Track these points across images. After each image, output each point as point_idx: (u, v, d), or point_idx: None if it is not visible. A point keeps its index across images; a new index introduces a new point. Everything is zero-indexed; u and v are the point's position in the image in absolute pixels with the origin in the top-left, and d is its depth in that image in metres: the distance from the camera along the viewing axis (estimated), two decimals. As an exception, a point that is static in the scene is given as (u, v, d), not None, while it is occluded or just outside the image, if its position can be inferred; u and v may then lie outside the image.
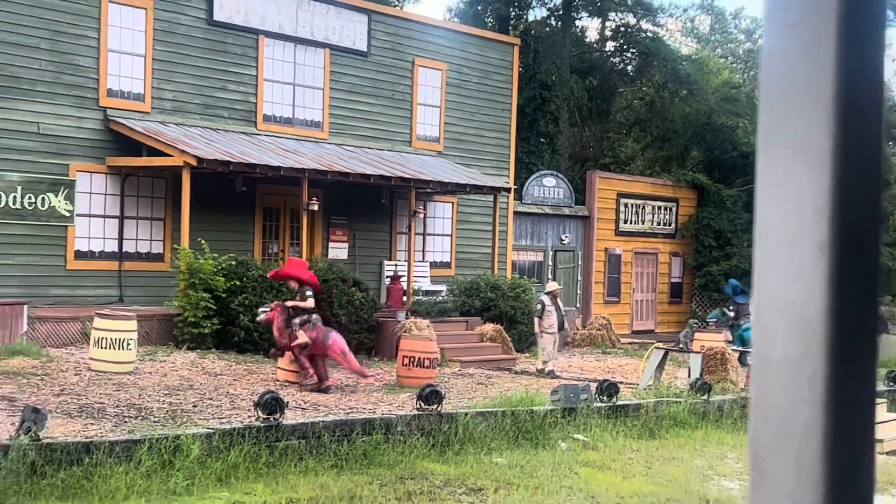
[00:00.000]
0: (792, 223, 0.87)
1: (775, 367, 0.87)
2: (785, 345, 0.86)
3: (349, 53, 28.45)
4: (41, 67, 22.82)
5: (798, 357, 0.85)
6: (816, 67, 0.86)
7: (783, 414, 0.86)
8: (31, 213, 22.55)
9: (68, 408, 14.51)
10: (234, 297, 21.35)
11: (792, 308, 0.86)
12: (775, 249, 0.89)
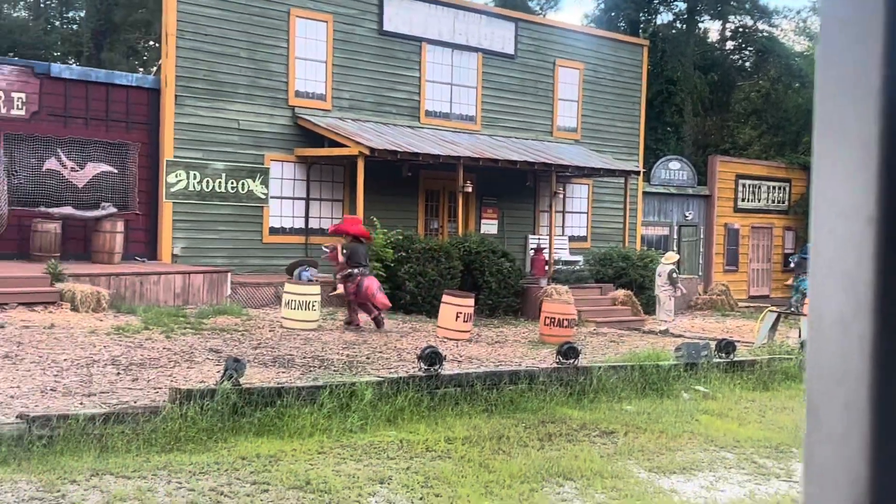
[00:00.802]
0: (844, 199, 0.83)
1: (828, 325, 0.84)
2: (837, 306, 0.83)
3: (498, 56, 28.37)
4: (242, 73, 23.36)
5: (849, 317, 0.82)
6: (865, 61, 0.82)
7: (835, 367, 0.83)
8: (234, 195, 23.17)
9: (263, 358, 14.87)
10: (401, 266, 21.58)
11: (843, 274, 0.83)
12: (829, 221, 0.85)
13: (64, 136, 21.38)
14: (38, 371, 12.79)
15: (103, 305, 17.60)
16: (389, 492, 9.45)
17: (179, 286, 19.77)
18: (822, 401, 0.84)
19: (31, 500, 8.19)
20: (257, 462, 9.85)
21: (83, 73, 22.74)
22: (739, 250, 34.94)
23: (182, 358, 14.47)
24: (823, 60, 0.87)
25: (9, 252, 20.43)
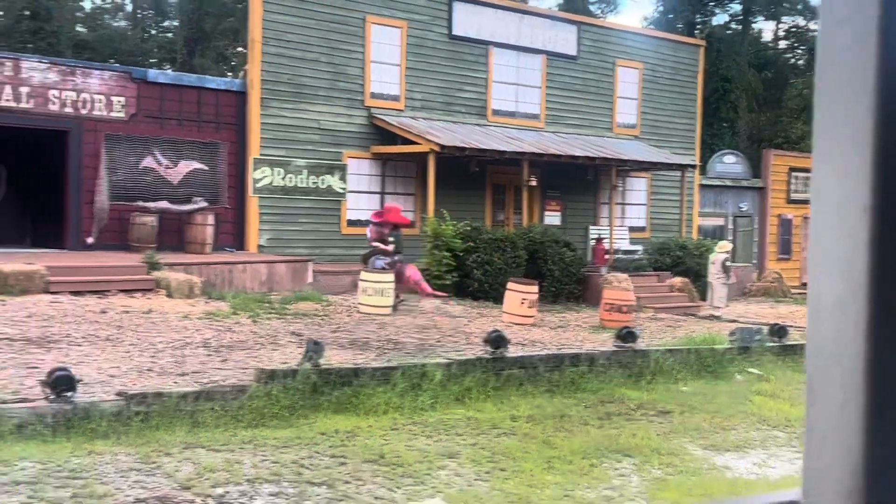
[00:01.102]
0: (841, 190, 0.83)
1: (826, 307, 0.84)
2: (835, 289, 0.83)
3: (561, 57, 28.20)
4: (321, 77, 23.54)
5: (846, 300, 0.82)
6: (861, 58, 0.82)
7: (832, 346, 0.83)
8: (315, 190, 23.38)
9: (341, 341, 15.00)
10: (469, 256, 21.60)
11: (841, 260, 0.83)
12: (827, 211, 0.85)
13: (159, 136, 21.76)
14: (136, 352, 13.06)
15: (195, 292, 17.89)
16: (458, 465, 9.49)
17: (265, 274, 20.01)
18: (820, 377, 0.84)
19: (129, 470, 8.37)
20: (335, 437, 9.95)
21: (176, 78, 23.12)
22: (792, 240, 34.32)
23: (267, 341, 14.66)
24: (822, 60, 0.87)
25: (110, 243, 20.87)
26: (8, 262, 16.59)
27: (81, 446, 9.02)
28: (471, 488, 8.95)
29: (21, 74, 20.13)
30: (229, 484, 8.36)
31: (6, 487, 7.75)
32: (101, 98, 21.03)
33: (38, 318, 14.68)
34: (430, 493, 8.78)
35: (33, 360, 12.09)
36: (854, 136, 0.83)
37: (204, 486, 8.18)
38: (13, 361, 11.97)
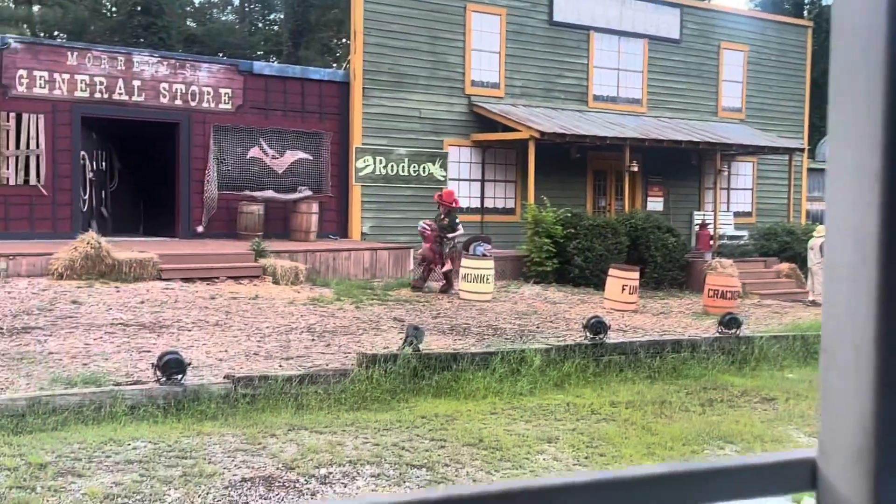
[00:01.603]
0: (853, 158, 0.84)
1: (841, 274, 0.85)
2: (848, 255, 0.84)
3: (664, 41, 27.78)
4: (422, 66, 23.68)
5: (858, 264, 0.83)
6: (872, 32, 0.83)
7: (846, 310, 0.85)
8: (416, 178, 23.57)
9: (442, 327, 15.13)
10: (570, 242, 21.48)
11: (853, 228, 0.84)
12: (841, 179, 0.86)
13: (265, 126, 22.22)
14: (244, 337, 13.40)
15: (300, 279, 18.23)
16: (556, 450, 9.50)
17: (367, 261, 20.28)
18: (835, 340, 0.86)
19: (235, 451, 8.62)
20: (435, 421, 10.06)
21: (281, 70, 23.55)
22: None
23: (369, 326, 14.87)
24: (836, 31, 0.89)
25: (219, 231, 21.42)
26: (122, 251, 17.19)
27: (191, 427, 9.32)
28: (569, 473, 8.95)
29: (133, 69, 20.79)
30: (332, 465, 8.54)
31: (119, 466, 8.07)
32: (210, 90, 21.58)
33: (151, 304, 15.18)
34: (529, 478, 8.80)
35: (146, 344, 12.53)
36: (867, 105, 0.84)
37: (307, 467, 8.37)
38: (127, 346, 12.42)
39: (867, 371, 0.84)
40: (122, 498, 7.46)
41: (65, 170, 20.08)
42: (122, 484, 7.66)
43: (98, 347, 12.21)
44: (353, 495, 7.89)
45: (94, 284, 16.00)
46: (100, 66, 20.44)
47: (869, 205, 0.84)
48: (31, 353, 11.72)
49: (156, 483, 7.73)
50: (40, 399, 9.28)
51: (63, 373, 10.72)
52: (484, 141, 24.29)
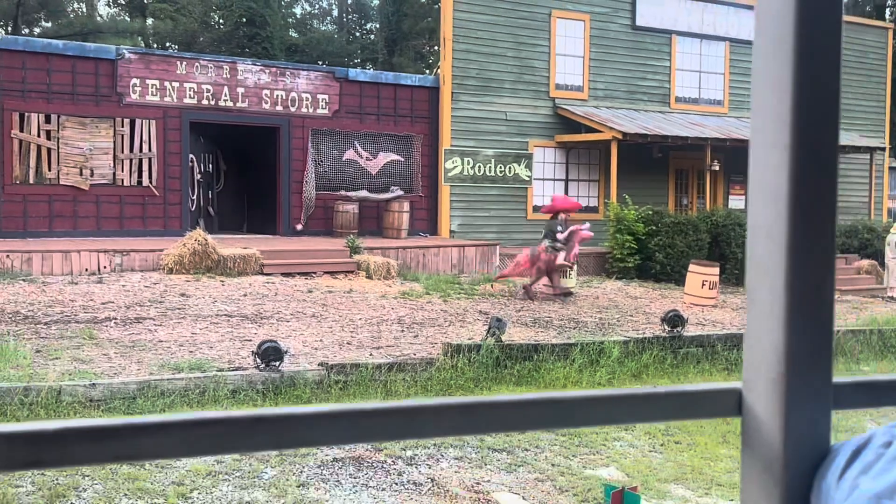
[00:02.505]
0: (770, 132, 0.94)
1: (761, 230, 0.95)
2: (765, 213, 0.94)
3: (745, 44, 27.31)
4: (508, 70, 23.76)
5: (773, 222, 0.93)
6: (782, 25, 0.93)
7: (763, 261, 0.95)
8: (501, 178, 23.66)
9: (525, 319, 15.21)
10: (651, 239, 21.32)
11: (769, 188, 0.94)
12: (761, 150, 0.96)
13: (359, 130, 22.59)
14: (338, 328, 13.69)
15: (392, 274, 18.50)
16: (633, 438, 9.52)
17: (455, 257, 20.45)
18: (755, 286, 0.96)
19: (328, 431, 8.86)
20: (516, 407, 10.17)
21: (374, 76, 23.90)
22: None
23: (455, 318, 15.03)
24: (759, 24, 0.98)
25: (316, 229, 21.86)
26: (227, 247, 17.69)
27: (287, 410, 9.60)
28: (644, 458, 8.97)
29: (237, 77, 21.35)
30: (418, 447, 8.72)
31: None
32: (308, 96, 22.03)
33: (253, 297, 15.60)
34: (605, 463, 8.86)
35: (247, 333, 12.90)
36: (778, 89, 0.94)
37: (395, 449, 8.57)
38: (230, 335, 12.82)
39: (780, 311, 0.94)
40: (222, 474, 7.75)
41: (174, 171, 20.73)
42: (223, 462, 7.96)
43: (203, 337, 12.62)
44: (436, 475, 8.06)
45: (201, 278, 16.51)
46: (206, 74, 21.04)
47: (781, 169, 0.93)
48: (143, 341, 12.19)
49: (254, 462, 8.02)
50: (150, 383, 9.67)
51: (171, 359, 11.13)
52: (568, 142, 24.26)
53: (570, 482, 8.10)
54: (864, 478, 0.79)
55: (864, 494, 0.76)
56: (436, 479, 7.96)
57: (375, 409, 0.88)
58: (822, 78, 0.95)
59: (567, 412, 0.93)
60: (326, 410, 0.88)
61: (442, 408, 0.88)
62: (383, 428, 0.88)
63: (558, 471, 8.35)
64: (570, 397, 0.92)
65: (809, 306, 0.94)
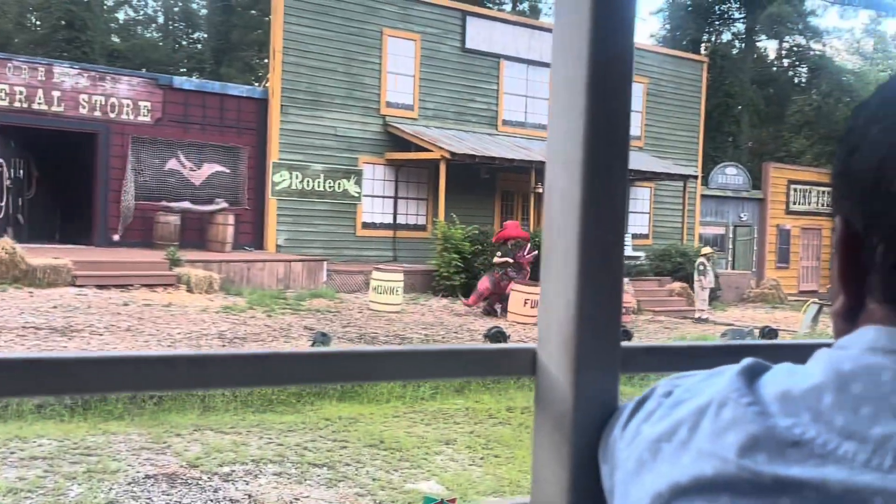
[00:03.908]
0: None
1: (555, 195, 0.99)
2: (561, 180, 0.98)
3: (570, 71, 28.29)
4: (339, 86, 23.73)
5: (567, 187, 0.97)
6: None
7: (558, 224, 1.00)
8: (330, 193, 23.56)
9: (351, 335, 15.16)
10: (477, 258, 21.68)
11: (566, 155, 0.98)
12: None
13: (184, 139, 22.01)
14: (155, 342, 13.24)
15: (215, 288, 18.08)
16: (454, 451, 9.62)
17: (281, 272, 20.20)
18: (550, 250, 1.01)
19: (141, 449, 8.54)
20: (338, 423, 10.10)
21: (200, 85, 23.37)
22: (790, 249, 34.27)
23: (280, 334, 14.82)
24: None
25: (135, 240, 21.10)
26: (37, 257, 16.83)
27: (97, 426, 9.20)
28: (465, 472, 9.08)
29: (53, 80, 20.42)
30: (235, 463, 8.52)
31: (24, 462, 7.93)
32: (129, 103, 21.30)
33: (64, 309, 14.90)
34: (426, 476, 8.91)
35: (56, 347, 12.29)
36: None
37: (211, 465, 8.34)
38: (37, 348, 12.17)
39: (572, 274, 0.97)
40: (25, 492, 7.34)
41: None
42: (26, 479, 7.54)
43: (8, 349, 11.94)
44: (253, 491, 7.90)
45: (8, 289, 15.65)
46: (20, 76, 20.02)
47: (576, 140, 0.97)
48: (-60, 353, 11.42)
49: (59, 479, 7.63)
50: (-54, 397, 9.06)
51: (-29, 373, 10.47)
52: (398, 160, 24.42)
53: (390, 496, 8.10)
54: (645, 425, 0.82)
55: (646, 439, 0.80)
56: (253, 496, 7.80)
57: (160, 357, 0.84)
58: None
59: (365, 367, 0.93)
60: (111, 356, 0.84)
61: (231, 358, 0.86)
62: (168, 377, 0.85)
63: (379, 485, 8.34)
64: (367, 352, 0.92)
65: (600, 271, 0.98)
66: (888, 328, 0.69)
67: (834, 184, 0.74)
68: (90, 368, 0.83)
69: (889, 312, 0.69)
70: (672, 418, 0.77)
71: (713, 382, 0.78)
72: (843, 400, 0.67)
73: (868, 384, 0.66)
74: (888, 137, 0.68)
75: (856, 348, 0.70)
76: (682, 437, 0.75)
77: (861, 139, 0.71)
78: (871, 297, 0.71)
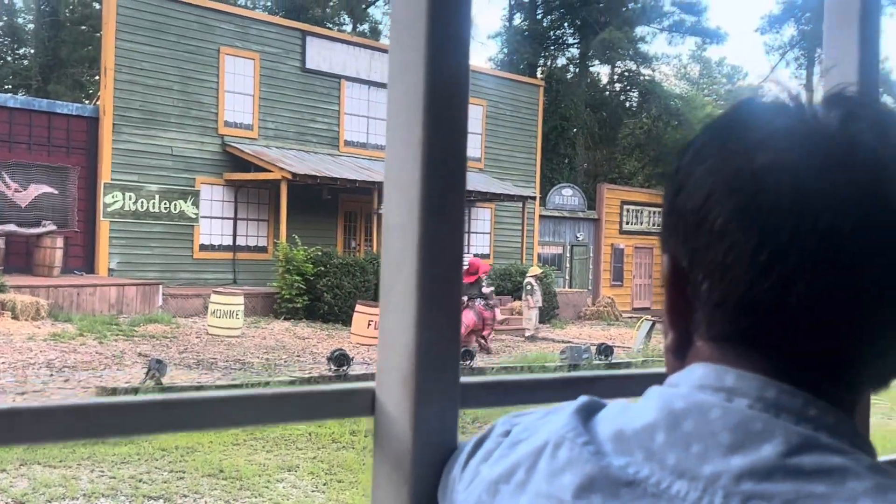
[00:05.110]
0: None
1: (395, 230, 0.99)
2: (399, 214, 0.98)
3: (410, 93, 28.53)
4: (174, 104, 23.15)
5: (406, 223, 0.97)
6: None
7: (397, 259, 0.99)
8: (167, 215, 22.91)
9: (188, 361, 14.75)
10: (320, 280, 21.53)
11: (405, 190, 0.98)
12: (397, 147, 0.99)
13: (8, 159, 20.94)
14: (-24, 373, 12.52)
15: (42, 314, 17.26)
16: (296, 478, 9.47)
17: (114, 297, 19.47)
18: (389, 285, 1.00)
19: (-40, 488, 8.04)
20: (175, 453, 9.78)
21: (27, 103, 22.33)
22: (624, 268, 35.50)
23: (112, 361, 14.27)
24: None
25: (-46, 266, 19.90)
26: None
27: (-90, 466, 8.60)
28: (307, 499, 8.95)
29: None
30: (65, 499, 8.13)
31: None
32: (-53, 120, 20.13)
33: None
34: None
35: None
36: (411, 102, 0.99)
37: (38, 501, 7.93)
38: None
39: (411, 310, 0.97)
40: None
41: None
42: None
43: None
44: (85, 528, 7.55)
45: None
46: None
47: (413, 171, 0.97)
48: None
49: None
50: None
51: None
52: (237, 180, 23.99)
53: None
54: (484, 465, 0.81)
55: (484, 480, 0.79)
56: (85, 533, 7.45)
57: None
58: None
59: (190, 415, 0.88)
60: None
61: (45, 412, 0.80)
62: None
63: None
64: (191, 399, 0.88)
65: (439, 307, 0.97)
66: (715, 366, 0.70)
67: (663, 222, 0.75)
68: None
69: (714, 350, 0.71)
70: (510, 459, 0.77)
71: (550, 420, 0.78)
72: (675, 438, 0.68)
73: (698, 422, 0.68)
74: (711, 177, 0.69)
75: (686, 386, 0.71)
76: (519, 478, 0.74)
77: (686, 178, 0.72)
78: (698, 333, 0.73)
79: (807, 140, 0.67)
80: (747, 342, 0.69)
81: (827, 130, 0.67)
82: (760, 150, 0.67)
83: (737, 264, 0.67)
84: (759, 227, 0.66)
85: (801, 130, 0.68)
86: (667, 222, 0.74)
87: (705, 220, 0.69)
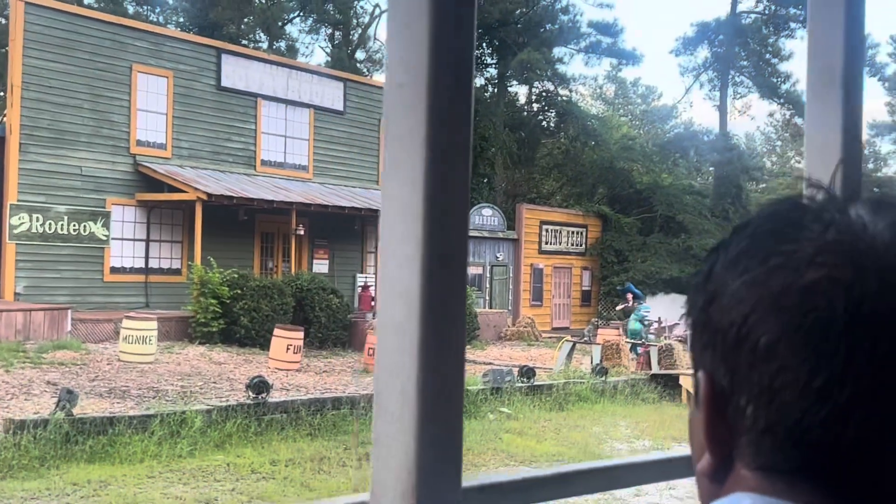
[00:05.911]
0: (402, 225, 0.91)
1: (390, 330, 0.92)
2: (396, 312, 0.91)
3: (329, 112, 28.41)
4: (84, 123, 22.60)
5: (404, 321, 0.90)
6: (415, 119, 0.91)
7: (394, 362, 0.91)
8: (76, 237, 22.31)
9: (100, 390, 14.32)
10: (237, 303, 21.16)
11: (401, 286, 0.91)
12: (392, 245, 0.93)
13: None
14: None
15: (-58, 342, 16.61)
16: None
17: (20, 322, 18.84)
18: (384, 389, 0.93)
19: None
20: (87, 487, 9.47)
21: (-73, 120, 21.58)
22: (544, 287, 35.78)
23: (19, 391, 13.77)
24: (388, 117, 0.97)
25: None
26: None
27: None
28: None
29: None
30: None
31: None
32: None
33: None
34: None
35: None
36: (411, 181, 0.92)
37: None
38: None
39: (411, 417, 0.90)
40: None
41: None
42: None
43: None
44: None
45: None
46: None
47: (413, 267, 0.90)
48: None
49: None
50: None
51: None
52: (150, 201, 23.50)
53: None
54: None
55: None
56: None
57: None
58: (450, 153, 0.92)
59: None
60: None
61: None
62: None
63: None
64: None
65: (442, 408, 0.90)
66: (765, 498, 0.65)
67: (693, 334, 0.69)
68: None
69: (763, 481, 0.65)
70: None
71: None
72: None
73: None
74: (753, 290, 0.64)
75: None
76: None
77: (721, 287, 0.67)
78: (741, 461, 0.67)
79: (859, 255, 0.62)
80: (799, 474, 0.64)
81: (879, 243, 0.62)
82: (811, 265, 0.62)
83: (787, 389, 0.62)
84: (812, 349, 0.61)
85: (852, 243, 0.63)
86: (699, 335, 0.68)
87: (747, 337, 0.63)
